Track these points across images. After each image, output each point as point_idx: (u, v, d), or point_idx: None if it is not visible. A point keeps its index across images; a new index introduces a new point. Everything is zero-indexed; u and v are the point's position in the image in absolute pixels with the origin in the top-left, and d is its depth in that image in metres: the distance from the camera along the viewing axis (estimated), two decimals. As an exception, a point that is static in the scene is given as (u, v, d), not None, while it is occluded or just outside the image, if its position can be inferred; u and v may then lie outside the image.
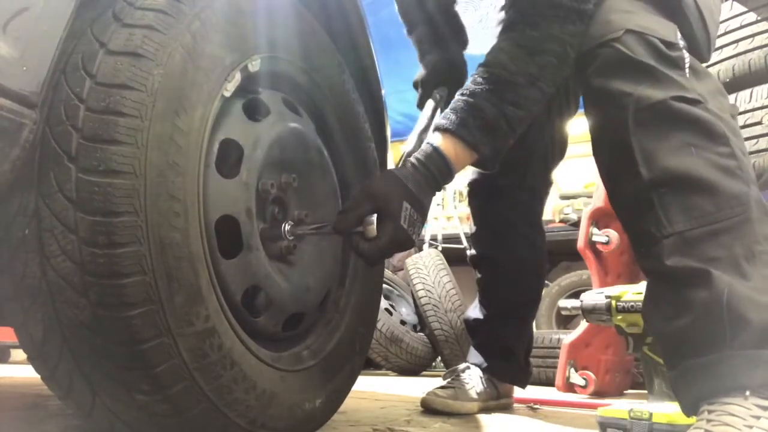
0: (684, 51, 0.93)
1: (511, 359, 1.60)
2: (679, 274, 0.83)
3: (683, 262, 0.82)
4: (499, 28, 1.10)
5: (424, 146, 1.02)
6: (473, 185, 1.61)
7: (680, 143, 0.86)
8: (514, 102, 1.00)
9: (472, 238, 1.67)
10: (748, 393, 0.75)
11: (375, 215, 0.94)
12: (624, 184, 0.91)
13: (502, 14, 1.08)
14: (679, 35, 0.95)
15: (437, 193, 1.05)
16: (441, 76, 1.38)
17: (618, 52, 0.91)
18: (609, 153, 0.95)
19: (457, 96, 1.03)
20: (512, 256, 1.57)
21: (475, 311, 1.65)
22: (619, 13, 0.95)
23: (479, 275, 1.65)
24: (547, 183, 1.64)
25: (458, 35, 1.43)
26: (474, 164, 1.07)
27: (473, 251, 1.66)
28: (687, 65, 0.91)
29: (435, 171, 1.00)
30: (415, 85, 1.42)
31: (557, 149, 1.60)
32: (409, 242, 0.97)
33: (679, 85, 0.89)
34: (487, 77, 1.01)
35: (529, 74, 0.99)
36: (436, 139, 1.01)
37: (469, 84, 1.03)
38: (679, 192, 0.85)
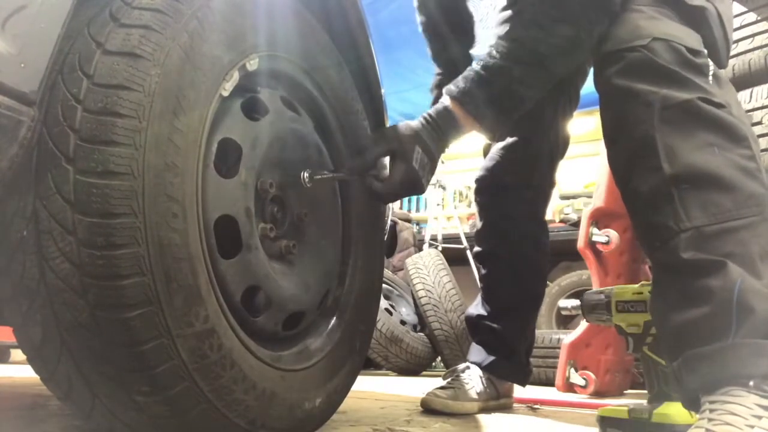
0: (708, 59, 0.95)
1: (512, 357, 1.60)
2: (694, 266, 0.84)
3: (699, 256, 0.84)
4: (499, 29, 1.10)
5: (436, 105, 1.09)
6: (480, 182, 1.62)
7: (704, 142, 0.88)
8: (522, 81, 1.04)
9: (477, 235, 1.68)
10: (751, 383, 0.75)
11: (388, 157, 1.01)
12: (643, 177, 0.92)
13: (503, 14, 1.08)
14: (702, 44, 0.97)
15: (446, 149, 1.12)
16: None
17: (646, 56, 0.93)
18: (628, 147, 0.96)
19: (473, 65, 1.08)
20: (516, 253, 1.58)
21: (477, 308, 1.65)
22: (647, 19, 0.97)
23: (483, 271, 1.65)
24: (552, 182, 1.65)
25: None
26: (477, 131, 1.12)
27: (478, 248, 1.67)
28: (711, 73, 0.94)
29: (444, 127, 1.07)
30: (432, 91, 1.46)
31: (561, 147, 1.62)
32: (419, 184, 1.04)
33: (704, 90, 0.91)
34: (502, 51, 1.04)
35: (540, 54, 1.03)
36: (446, 100, 1.08)
37: (485, 55, 1.07)
38: (699, 188, 0.86)
